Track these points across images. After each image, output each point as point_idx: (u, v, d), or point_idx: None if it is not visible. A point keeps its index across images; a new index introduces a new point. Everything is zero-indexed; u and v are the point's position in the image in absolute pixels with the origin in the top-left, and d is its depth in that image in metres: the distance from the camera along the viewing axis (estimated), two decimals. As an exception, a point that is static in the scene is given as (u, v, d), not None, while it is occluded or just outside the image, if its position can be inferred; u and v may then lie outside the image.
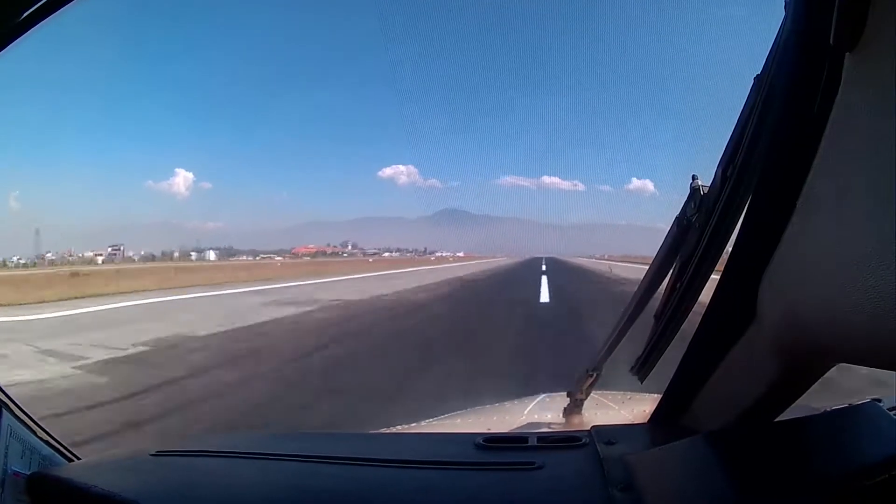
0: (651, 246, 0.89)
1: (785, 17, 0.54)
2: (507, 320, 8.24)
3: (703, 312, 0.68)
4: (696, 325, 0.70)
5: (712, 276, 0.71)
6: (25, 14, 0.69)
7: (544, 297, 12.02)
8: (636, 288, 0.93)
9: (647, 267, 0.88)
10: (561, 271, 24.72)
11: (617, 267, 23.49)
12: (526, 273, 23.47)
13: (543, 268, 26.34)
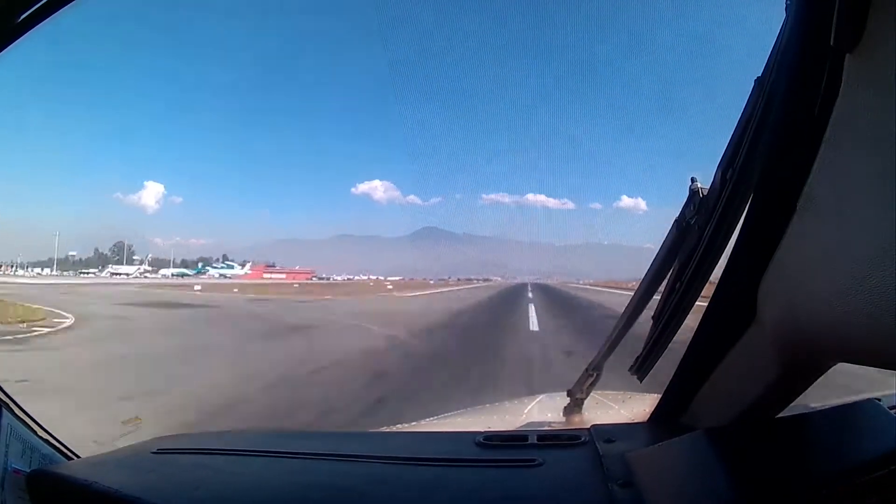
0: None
1: (786, 19, 0.54)
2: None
3: (702, 312, 0.69)
4: (696, 326, 0.70)
5: (711, 276, 0.71)
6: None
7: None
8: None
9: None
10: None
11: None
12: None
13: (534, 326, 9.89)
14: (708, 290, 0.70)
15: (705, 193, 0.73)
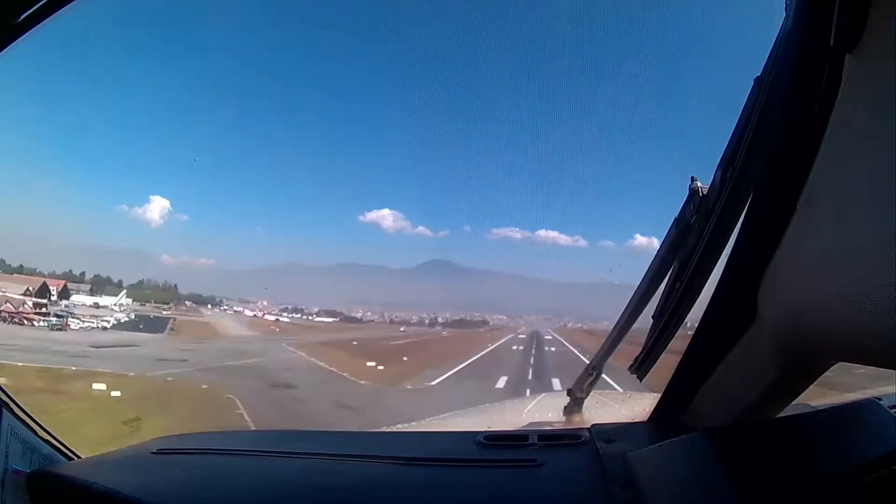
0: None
1: (785, 19, 0.54)
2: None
3: (702, 312, 0.68)
4: (696, 325, 0.70)
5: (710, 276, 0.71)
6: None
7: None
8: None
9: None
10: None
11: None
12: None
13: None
14: (708, 288, 0.69)
15: (705, 193, 0.73)
